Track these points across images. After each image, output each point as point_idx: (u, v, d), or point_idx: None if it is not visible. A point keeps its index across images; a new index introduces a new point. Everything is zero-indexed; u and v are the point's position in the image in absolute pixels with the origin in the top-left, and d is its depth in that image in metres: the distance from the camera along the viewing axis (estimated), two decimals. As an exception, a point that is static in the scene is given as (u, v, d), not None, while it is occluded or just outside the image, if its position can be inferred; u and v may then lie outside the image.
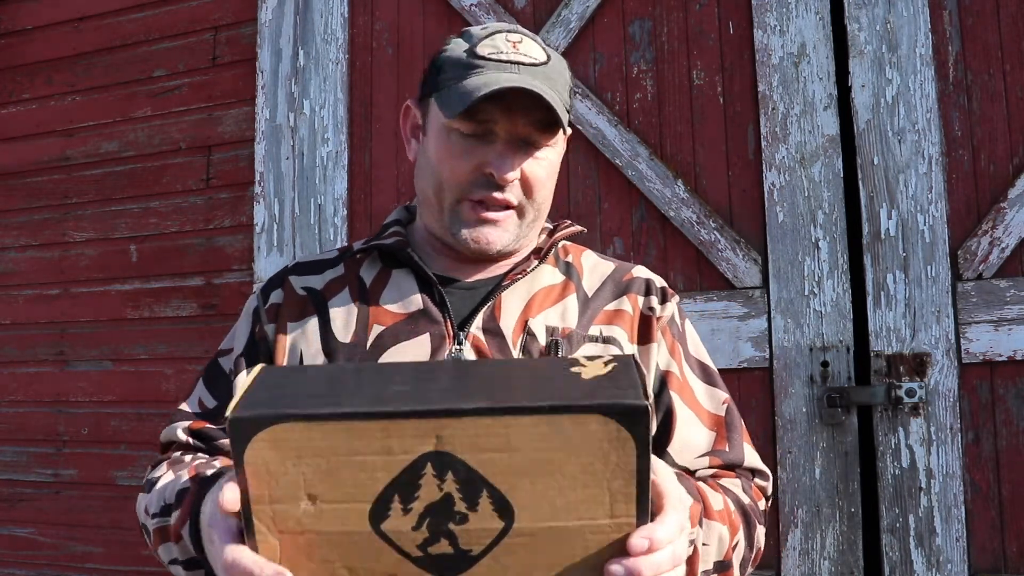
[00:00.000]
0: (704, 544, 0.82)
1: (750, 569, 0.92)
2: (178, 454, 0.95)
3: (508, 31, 0.93)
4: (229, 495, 0.65)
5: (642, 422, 0.61)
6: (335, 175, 2.28)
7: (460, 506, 0.63)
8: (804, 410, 1.85)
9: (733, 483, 0.94)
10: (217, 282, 2.43)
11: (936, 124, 1.83)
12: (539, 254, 1.00)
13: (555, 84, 0.92)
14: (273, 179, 2.33)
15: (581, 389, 0.63)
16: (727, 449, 0.96)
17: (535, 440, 0.61)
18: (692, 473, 0.94)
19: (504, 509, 0.63)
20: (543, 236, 1.04)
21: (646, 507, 0.63)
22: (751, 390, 1.89)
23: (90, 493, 2.51)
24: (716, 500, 0.87)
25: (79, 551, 2.51)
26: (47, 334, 2.63)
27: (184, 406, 1.00)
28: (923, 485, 1.75)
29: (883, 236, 1.83)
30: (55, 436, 2.58)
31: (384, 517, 0.63)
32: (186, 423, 0.97)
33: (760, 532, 0.93)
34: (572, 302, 0.98)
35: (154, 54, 2.59)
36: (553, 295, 0.98)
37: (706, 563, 0.84)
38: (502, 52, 0.91)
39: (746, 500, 0.92)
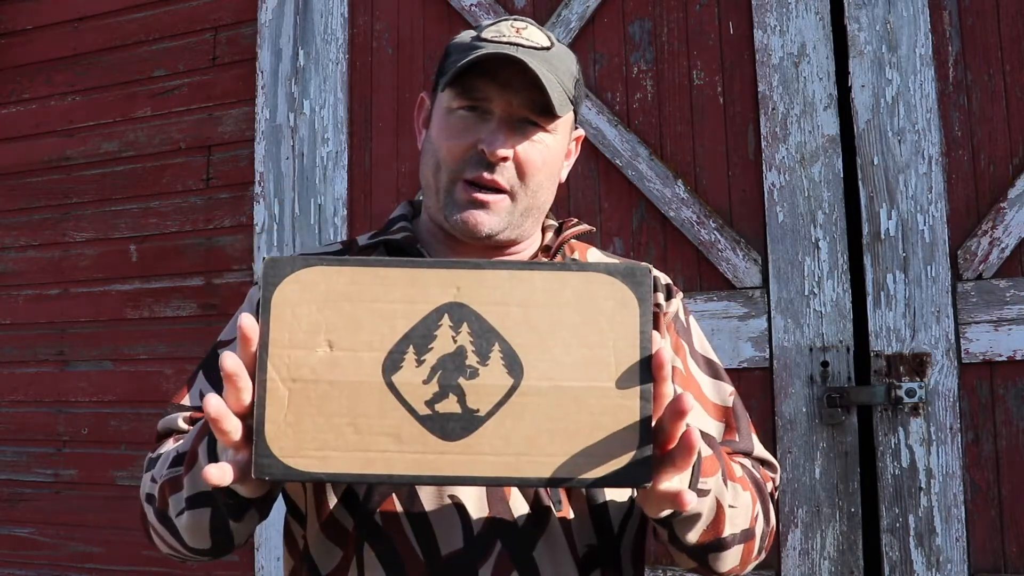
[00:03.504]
0: (732, 506, 0.81)
1: (763, 554, 0.92)
2: (181, 437, 0.94)
3: (515, 19, 0.95)
4: (248, 321, 0.65)
5: (644, 282, 0.66)
6: (335, 175, 2.28)
7: (472, 359, 0.65)
8: (804, 410, 1.85)
9: (743, 461, 0.94)
10: (217, 282, 2.43)
11: (936, 124, 1.83)
12: (548, 252, 1.00)
13: (555, 69, 0.91)
14: (273, 179, 2.33)
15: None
16: (736, 439, 0.96)
17: (547, 295, 0.66)
18: None
19: (514, 366, 0.65)
20: (550, 234, 1.04)
21: (649, 373, 0.65)
22: (751, 390, 1.89)
23: (90, 493, 2.51)
24: (735, 468, 0.86)
25: (79, 551, 2.51)
26: (47, 334, 2.63)
27: (184, 400, 0.98)
28: (923, 485, 1.75)
29: (883, 236, 1.84)
30: (55, 436, 2.58)
31: (397, 368, 0.64)
32: (187, 413, 0.95)
33: (772, 510, 0.92)
34: None
35: (154, 54, 2.59)
36: None
37: (735, 526, 0.82)
38: (504, 35, 0.91)
39: (757, 476, 0.92)
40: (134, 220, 2.56)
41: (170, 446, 0.91)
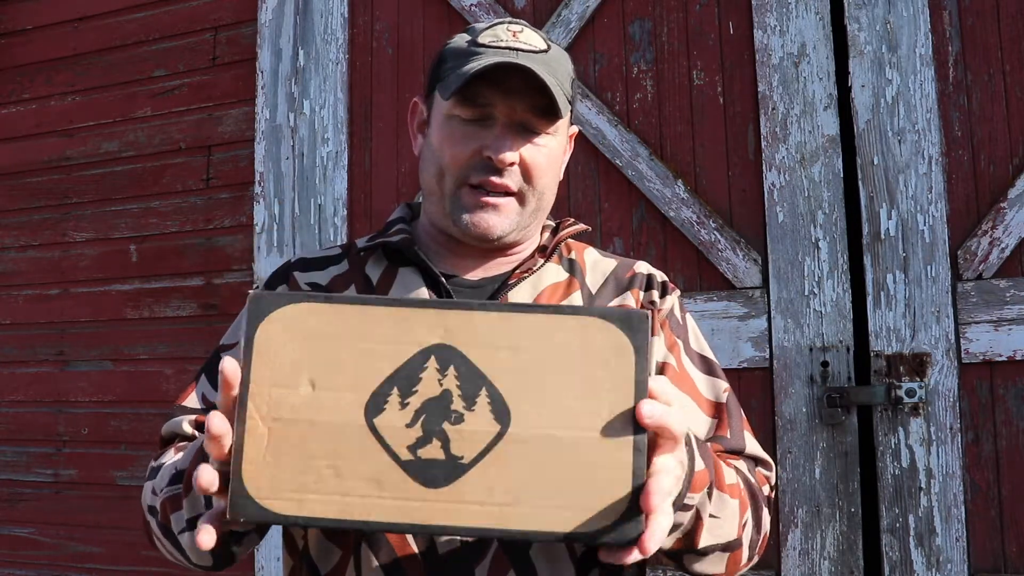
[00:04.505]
0: (713, 516, 0.81)
1: (755, 558, 0.92)
2: (183, 444, 0.95)
3: (509, 22, 0.95)
4: (230, 365, 0.62)
5: (642, 328, 0.62)
6: (335, 175, 2.28)
7: (458, 404, 0.62)
8: (804, 410, 1.85)
9: (739, 464, 0.94)
10: (217, 282, 2.43)
11: (936, 124, 1.83)
12: (544, 252, 1.00)
13: (554, 71, 0.92)
14: (273, 179, 2.33)
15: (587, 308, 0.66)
16: (728, 436, 0.95)
17: (538, 339, 0.63)
18: None
19: (501, 412, 0.62)
20: (547, 234, 1.04)
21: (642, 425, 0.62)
22: (751, 390, 1.89)
23: (90, 493, 2.51)
24: (728, 474, 0.86)
25: (79, 551, 2.51)
26: (47, 334, 2.63)
27: (186, 402, 0.99)
28: (923, 485, 1.75)
29: (883, 236, 1.83)
30: (55, 436, 2.58)
31: (380, 411, 0.62)
32: (191, 416, 0.96)
33: (766, 516, 0.92)
34: (577, 299, 0.99)
35: (154, 54, 2.59)
36: (558, 293, 0.99)
37: (718, 537, 0.82)
38: (502, 40, 0.92)
39: (752, 480, 0.92)
40: (134, 220, 2.56)
41: (171, 456, 0.92)
